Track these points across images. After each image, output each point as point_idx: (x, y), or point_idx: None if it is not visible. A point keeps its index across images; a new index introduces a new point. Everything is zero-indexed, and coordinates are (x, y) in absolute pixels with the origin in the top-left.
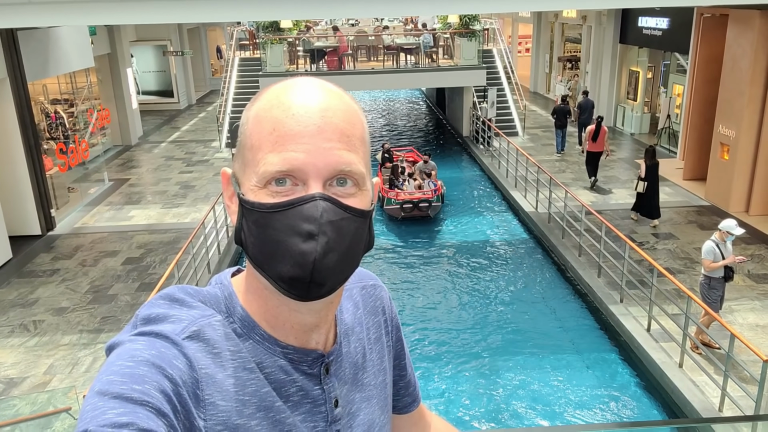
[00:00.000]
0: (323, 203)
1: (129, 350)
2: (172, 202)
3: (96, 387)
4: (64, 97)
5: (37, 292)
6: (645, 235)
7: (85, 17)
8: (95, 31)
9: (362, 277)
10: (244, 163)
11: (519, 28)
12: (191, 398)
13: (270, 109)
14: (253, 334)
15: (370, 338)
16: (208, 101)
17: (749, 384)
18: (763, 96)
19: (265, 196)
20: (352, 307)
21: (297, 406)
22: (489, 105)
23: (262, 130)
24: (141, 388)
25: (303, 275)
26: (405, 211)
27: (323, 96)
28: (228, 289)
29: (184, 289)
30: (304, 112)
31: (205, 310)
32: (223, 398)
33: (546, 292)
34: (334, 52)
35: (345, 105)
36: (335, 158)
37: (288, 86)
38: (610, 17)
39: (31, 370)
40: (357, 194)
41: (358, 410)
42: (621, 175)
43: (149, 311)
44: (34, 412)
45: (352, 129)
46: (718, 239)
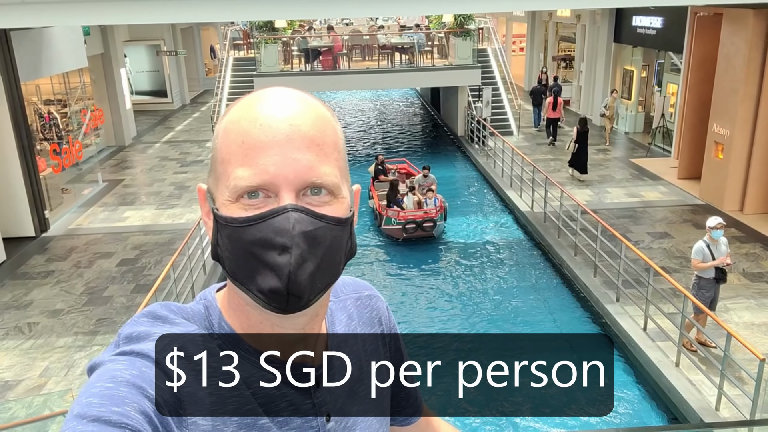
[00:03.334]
0: (295, 214)
1: (109, 371)
2: (167, 203)
3: (75, 410)
4: (57, 97)
5: (31, 294)
6: (641, 234)
7: (79, 17)
8: (89, 31)
9: (357, 287)
10: (217, 178)
11: (513, 27)
12: (173, 418)
13: (238, 121)
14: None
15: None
16: (202, 101)
17: (746, 383)
18: (757, 94)
19: (238, 210)
20: (345, 318)
21: (287, 422)
22: (484, 104)
23: (230, 143)
24: (120, 410)
25: (280, 288)
26: (407, 231)
27: (291, 105)
28: (212, 305)
29: (167, 306)
30: (271, 122)
31: (187, 326)
32: (204, 417)
33: (541, 291)
34: (329, 52)
35: (314, 113)
36: (305, 169)
37: (256, 98)
38: (605, 16)
39: (26, 373)
40: (332, 202)
41: (355, 424)
42: (616, 174)
43: (131, 330)
44: (30, 415)
45: (322, 137)
46: (708, 239)
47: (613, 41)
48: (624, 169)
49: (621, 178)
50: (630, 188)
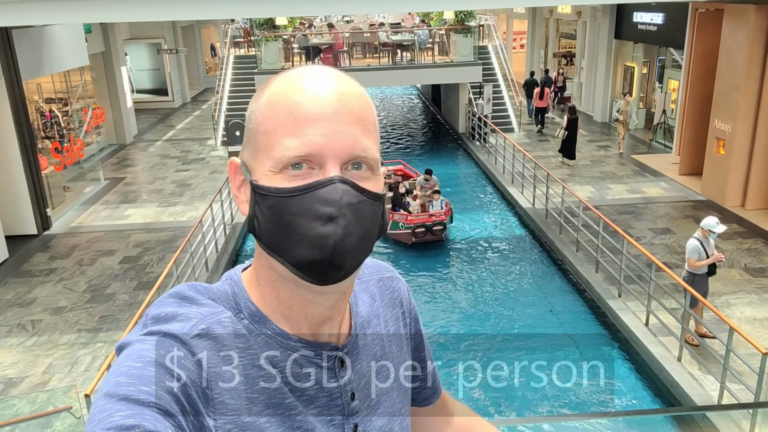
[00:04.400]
0: (342, 186)
1: (137, 351)
2: (169, 201)
3: (104, 389)
4: (58, 95)
5: (34, 292)
6: (642, 230)
7: (80, 15)
8: (90, 29)
9: (379, 269)
10: (256, 149)
11: (514, 24)
12: (200, 398)
13: (285, 93)
14: (265, 329)
15: (388, 330)
16: (203, 99)
17: (748, 377)
18: (758, 90)
19: (282, 181)
20: (368, 299)
21: (312, 400)
22: (485, 101)
23: (277, 113)
24: (148, 390)
25: (323, 258)
26: (417, 236)
27: (337, 80)
28: (238, 285)
29: (194, 286)
30: (320, 94)
31: (214, 307)
32: (232, 396)
33: (544, 287)
34: (330, 49)
35: (358, 90)
36: (352, 142)
37: (301, 72)
38: (605, 13)
39: (30, 370)
40: (372, 178)
41: (378, 403)
42: (617, 171)
43: (159, 310)
44: (34, 411)
45: (366, 114)
46: (701, 237)
47: (614, 38)
48: (625, 165)
49: (623, 174)
50: (631, 184)
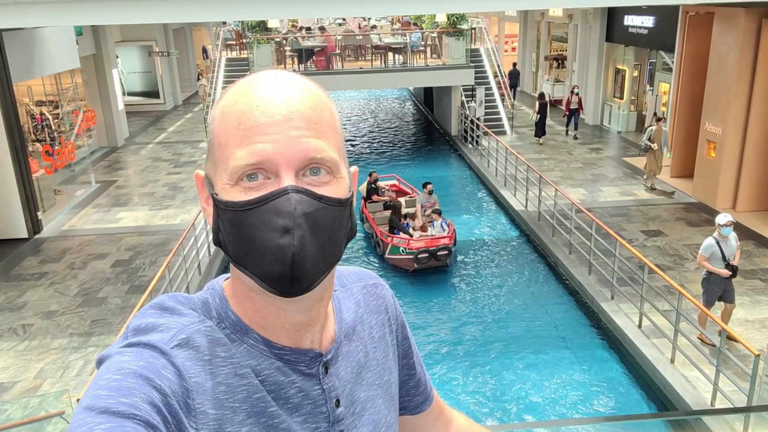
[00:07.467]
0: (296, 195)
1: (117, 363)
2: (161, 204)
3: (84, 402)
4: (49, 98)
5: (25, 296)
6: (634, 232)
7: (71, 17)
8: (81, 31)
9: (362, 276)
10: (215, 163)
11: (505, 27)
12: (182, 408)
13: (234, 104)
14: (246, 338)
15: (373, 336)
16: (194, 102)
17: (741, 379)
18: (748, 92)
19: (237, 194)
20: (353, 305)
21: (296, 408)
22: (477, 104)
23: (228, 125)
24: (129, 401)
25: (284, 271)
26: (420, 262)
27: (287, 85)
28: (220, 295)
29: (175, 297)
30: (268, 102)
31: (195, 317)
32: (214, 406)
33: (537, 290)
34: (322, 52)
35: (310, 93)
36: (304, 146)
37: (251, 81)
38: (596, 16)
39: (21, 375)
40: (332, 182)
41: (363, 410)
42: (609, 173)
43: (139, 321)
44: (26, 416)
45: (319, 116)
46: (718, 236)
47: (605, 41)
48: (617, 167)
49: (614, 176)
50: (623, 187)
